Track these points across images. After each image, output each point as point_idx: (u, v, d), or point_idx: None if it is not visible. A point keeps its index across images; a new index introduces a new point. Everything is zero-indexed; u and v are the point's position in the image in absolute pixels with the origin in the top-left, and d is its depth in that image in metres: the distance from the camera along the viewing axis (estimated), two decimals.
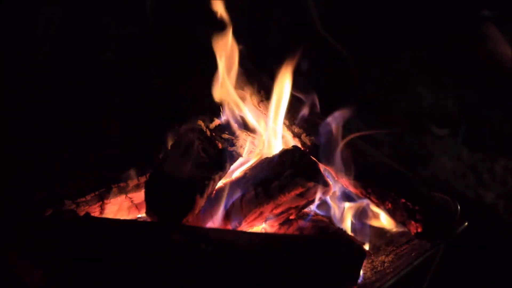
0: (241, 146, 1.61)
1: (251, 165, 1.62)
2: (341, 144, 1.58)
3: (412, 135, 2.74)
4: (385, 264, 1.46)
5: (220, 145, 1.55)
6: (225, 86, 1.70)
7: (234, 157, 1.56)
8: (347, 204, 1.64)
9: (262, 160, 1.59)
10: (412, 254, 1.49)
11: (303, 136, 1.69)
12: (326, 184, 1.51)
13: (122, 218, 1.57)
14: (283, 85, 1.69)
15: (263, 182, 1.47)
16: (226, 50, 1.68)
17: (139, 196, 1.56)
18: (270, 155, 1.62)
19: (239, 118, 1.72)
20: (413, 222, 1.50)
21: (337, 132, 1.62)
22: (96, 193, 1.53)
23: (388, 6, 2.77)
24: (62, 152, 2.03)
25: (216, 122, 1.69)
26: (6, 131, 2.07)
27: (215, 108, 1.77)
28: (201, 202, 1.39)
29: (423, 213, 1.50)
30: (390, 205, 1.55)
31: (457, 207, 1.54)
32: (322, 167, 1.59)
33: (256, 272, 1.25)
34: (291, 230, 1.51)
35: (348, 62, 2.52)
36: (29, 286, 1.28)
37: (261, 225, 1.55)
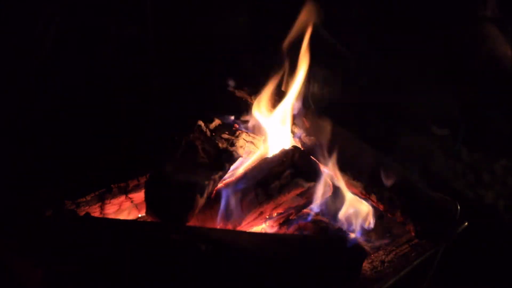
0: (241, 146, 1.62)
1: (251, 165, 1.62)
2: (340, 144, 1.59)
3: (412, 135, 2.73)
4: (385, 264, 1.46)
5: (220, 145, 1.55)
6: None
7: (234, 157, 1.56)
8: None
9: (262, 160, 1.59)
10: (412, 254, 1.49)
11: (303, 136, 1.69)
12: (326, 184, 1.51)
13: (122, 218, 1.57)
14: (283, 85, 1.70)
15: (263, 182, 1.47)
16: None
17: (139, 196, 1.56)
18: (270, 155, 1.63)
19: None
20: (413, 222, 1.50)
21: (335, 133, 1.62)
22: (96, 193, 1.53)
23: (388, 5, 2.78)
24: (62, 153, 2.03)
25: (216, 122, 1.69)
26: (6, 131, 2.07)
27: (216, 108, 1.78)
28: (201, 202, 1.39)
29: (423, 213, 1.50)
30: (390, 205, 1.55)
31: (457, 207, 1.54)
32: (322, 167, 1.59)
33: (256, 272, 1.24)
34: (291, 230, 1.51)
35: (348, 61, 2.51)
36: (29, 286, 1.28)
37: (261, 225, 1.55)
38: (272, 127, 1.72)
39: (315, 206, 1.59)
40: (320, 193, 1.52)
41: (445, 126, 2.83)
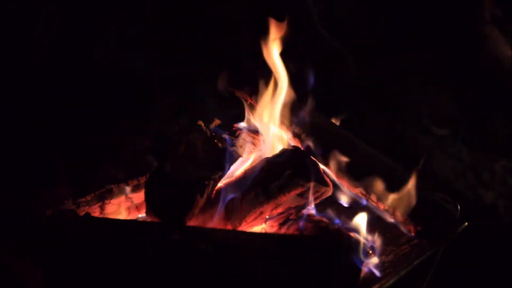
0: (241, 146, 1.62)
1: (251, 165, 1.62)
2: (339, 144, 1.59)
3: (412, 134, 2.73)
4: (385, 264, 1.46)
5: (220, 145, 1.55)
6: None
7: (234, 157, 1.56)
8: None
9: (262, 160, 1.59)
10: (412, 254, 1.49)
11: (303, 136, 1.69)
12: (326, 184, 1.51)
13: (122, 218, 1.57)
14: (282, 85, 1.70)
15: (263, 182, 1.47)
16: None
17: (139, 196, 1.56)
18: (270, 155, 1.63)
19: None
20: (413, 222, 1.50)
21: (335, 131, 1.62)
22: (96, 193, 1.53)
23: (388, 5, 2.78)
24: (62, 153, 2.03)
25: (216, 122, 1.69)
26: (6, 131, 2.07)
27: (216, 108, 1.78)
28: (201, 202, 1.39)
29: (423, 213, 1.50)
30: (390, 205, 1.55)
31: (457, 207, 1.54)
32: (322, 167, 1.59)
33: (256, 272, 1.24)
34: (291, 230, 1.51)
35: (348, 61, 2.52)
36: (29, 286, 1.28)
37: (261, 225, 1.55)
38: (272, 127, 1.72)
39: (315, 206, 1.59)
40: (320, 193, 1.52)
41: (445, 126, 2.83)
